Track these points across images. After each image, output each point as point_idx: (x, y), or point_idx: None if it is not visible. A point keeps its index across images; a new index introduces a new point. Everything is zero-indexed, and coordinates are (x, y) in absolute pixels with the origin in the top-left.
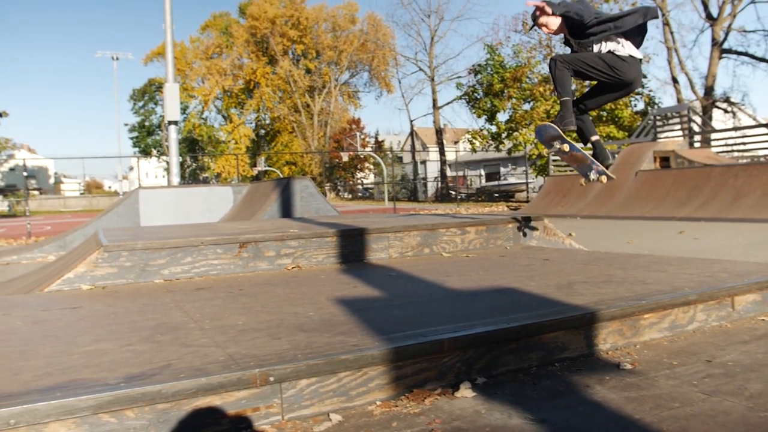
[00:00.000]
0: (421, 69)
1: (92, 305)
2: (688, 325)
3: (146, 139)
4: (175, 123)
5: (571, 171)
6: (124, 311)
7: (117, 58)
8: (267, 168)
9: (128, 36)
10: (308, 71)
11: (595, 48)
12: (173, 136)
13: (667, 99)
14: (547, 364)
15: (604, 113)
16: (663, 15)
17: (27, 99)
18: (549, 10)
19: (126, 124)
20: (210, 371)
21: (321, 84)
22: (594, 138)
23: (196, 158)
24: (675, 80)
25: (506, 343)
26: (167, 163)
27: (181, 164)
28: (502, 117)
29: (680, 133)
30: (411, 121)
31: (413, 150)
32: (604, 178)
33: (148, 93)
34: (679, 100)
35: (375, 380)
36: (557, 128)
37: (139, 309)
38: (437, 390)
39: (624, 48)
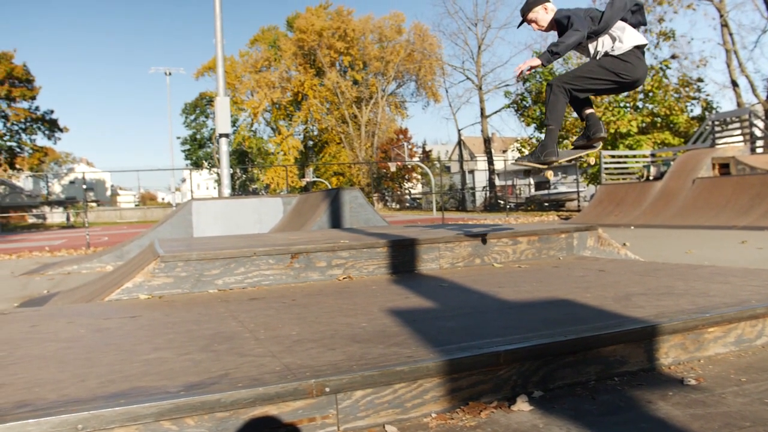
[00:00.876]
0: (468, 78)
1: (150, 314)
2: (756, 339)
3: (198, 151)
4: (226, 136)
5: (624, 179)
6: (180, 320)
7: (170, 74)
8: (315, 179)
9: (180, 52)
10: (355, 82)
11: (591, 49)
12: (224, 148)
13: (725, 103)
14: (605, 378)
15: (659, 119)
16: (721, 16)
17: (86, 115)
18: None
19: (178, 138)
20: (267, 381)
21: (368, 95)
22: (588, 111)
23: (246, 170)
24: (735, 83)
25: (563, 356)
26: (218, 174)
27: (232, 176)
28: None
29: (740, 138)
30: (459, 130)
31: (461, 159)
32: (592, 159)
33: (199, 107)
34: (739, 104)
35: (430, 392)
36: (534, 164)
37: (195, 318)
38: (493, 403)
39: (623, 42)
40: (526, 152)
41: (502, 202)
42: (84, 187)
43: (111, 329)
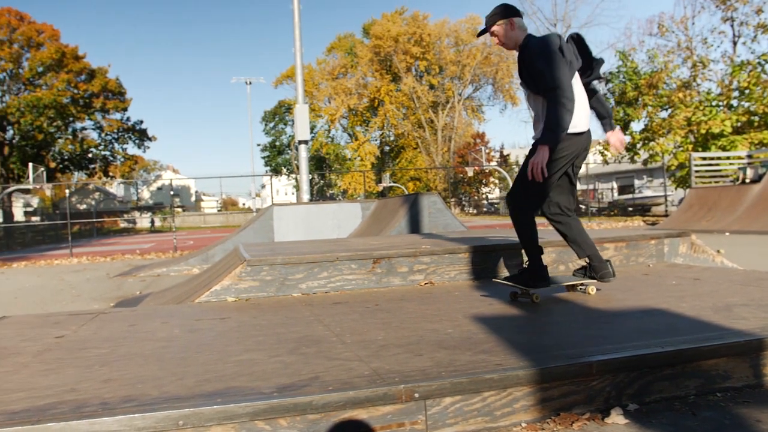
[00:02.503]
0: None
1: (239, 316)
2: None
3: (277, 158)
4: (305, 142)
5: (716, 182)
6: (268, 323)
7: (250, 83)
8: (392, 184)
9: (260, 61)
10: (431, 87)
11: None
12: (303, 155)
13: None
14: (707, 393)
15: (756, 118)
16: None
17: (172, 124)
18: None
19: (258, 144)
20: (356, 385)
21: (444, 99)
22: (590, 250)
23: (324, 175)
24: None
25: (660, 368)
26: (296, 180)
27: (310, 181)
28: (636, 126)
29: None
30: None
31: None
32: (591, 289)
33: (278, 114)
34: None
35: (520, 401)
36: (520, 287)
37: (281, 321)
38: (585, 414)
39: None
40: (609, 155)
41: (583, 206)
42: (171, 192)
43: (203, 330)
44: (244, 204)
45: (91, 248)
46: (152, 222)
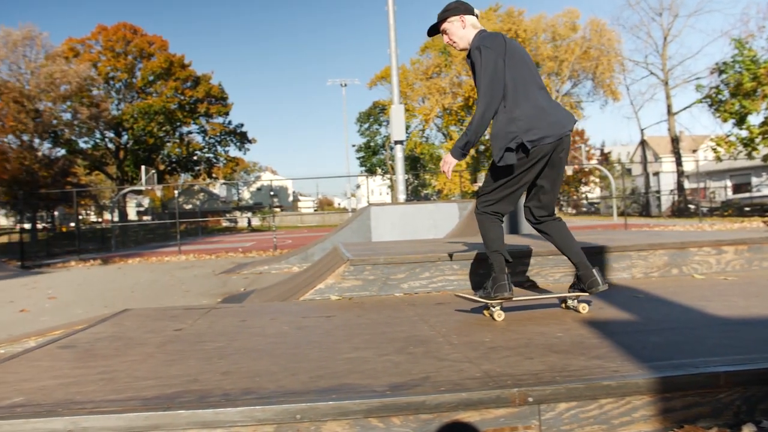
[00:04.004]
0: (652, 73)
1: (343, 315)
2: None
3: (371, 158)
4: (401, 142)
5: None
6: (372, 322)
7: (345, 85)
8: None
9: (354, 63)
10: None
11: None
12: (399, 155)
13: None
14: None
15: None
16: None
17: (271, 127)
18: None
19: (353, 145)
20: (468, 387)
21: None
22: (576, 258)
23: (418, 175)
24: None
25: None
26: (391, 180)
27: (405, 181)
28: (754, 119)
29: None
30: (641, 129)
31: (644, 161)
32: (582, 308)
33: (373, 115)
34: None
35: (640, 410)
36: (484, 300)
37: (385, 321)
38: (712, 429)
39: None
40: (723, 151)
41: (692, 206)
42: (272, 193)
43: (310, 327)
44: (339, 204)
45: (197, 246)
46: (249, 222)
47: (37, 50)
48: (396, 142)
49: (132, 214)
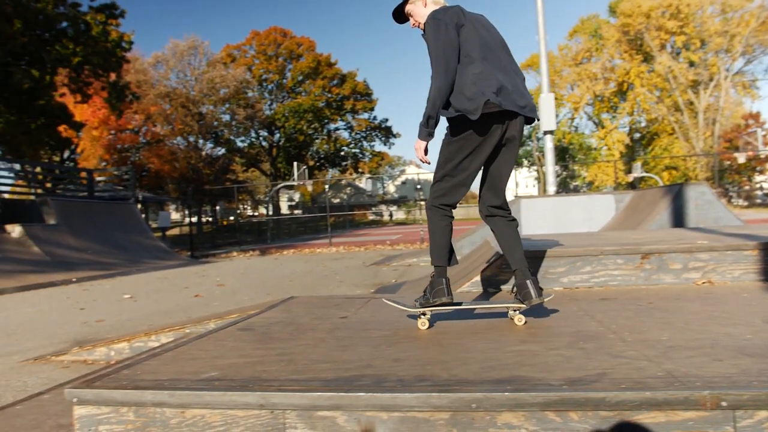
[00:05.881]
0: None
1: None
2: None
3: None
4: (551, 132)
5: None
6: (534, 315)
7: None
8: (643, 174)
9: None
10: (691, 64)
11: None
12: (549, 145)
13: None
14: None
15: None
16: None
17: (415, 121)
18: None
19: None
20: (651, 386)
21: (707, 77)
22: (516, 265)
23: (567, 166)
24: None
25: None
26: (537, 172)
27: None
28: None
29: None
30: None
31: None
32: (518, 319)
33: None
34: None
35: None
36: (414, 309)
37: (548, 314)
38: None
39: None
40: None
41: None
42: (418, 186)
43: (473, 319)
44: None
45: (346, 239)
46: (391, 215)
47: (200, 58)
48: (545, 132)
49: (284, 208)
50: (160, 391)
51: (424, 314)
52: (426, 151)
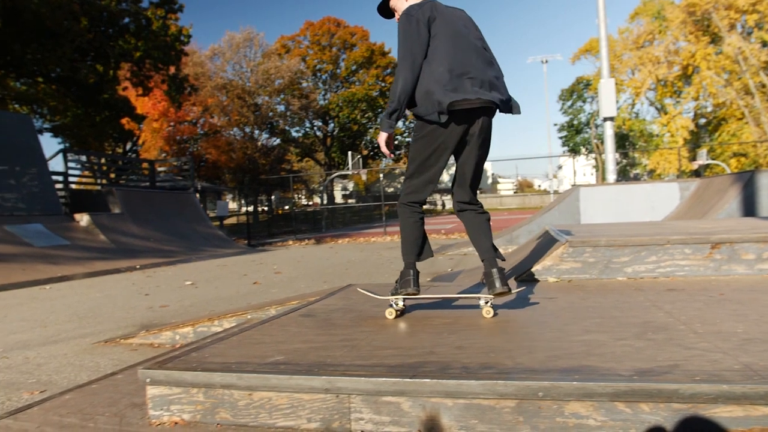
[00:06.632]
0: None
1: (566, 297)
2: None
3: (575, 137)
4: (611, 119)
5: None
6: (599, 306)
7: (546, 61)
8: (709, 161)
9: (556, 38)
10: (764, 44)
11: None
12: (609, 132)
13: None
14: None
15: None
16: None
17: None
18: None
19: (555, 124)
20: (728, 379)
21: None
22: (483, 255)
23: (627, 154)
24: None
25: None
26: (596, 160)
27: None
28: None
29: None
30: None
31: None
32: (486, 311)
33: (576, 91)
34: None
35: None
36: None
37: (613, 305)
38: None
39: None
40: None
41: None
42: None
43: (535, 308)
44: (539, 186)
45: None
46: (443, 204)
47: (255, 50)
48: (605, 119)
49: (338, 198)
50: (228, 374)
51: (394, 304)
52: (389, 144)
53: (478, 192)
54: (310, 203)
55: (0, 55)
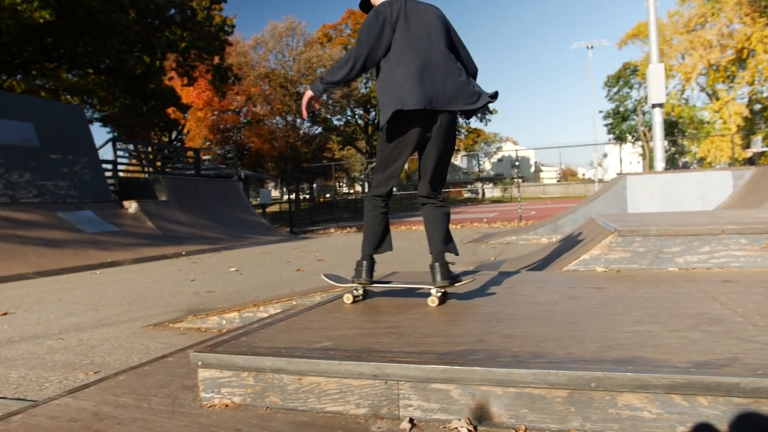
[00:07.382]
0: None
1: (615, 287)
2: None
3: (621, 124)
4: (660, 105)
5: None
6: (650, 296)
7: (591, 47)
8: (764, 149)
9: (602, 23)
10: None
11: None
12: (658, 119)
13: None
14: None
15: None
16: None
17: (512, 96)
18: None
19: (600, 111)
20: None
21: None
22: (432, 248)
23: (675, 142)
24: None
25: None
26: (643, 148)
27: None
28: None
29: None
30: None
31: None
32: (432, 300)
33: (623, 77)
34: None
35: None
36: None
37: (665, 296)
38: None
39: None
40: None
41: None
42: (517, 163)
43: (582, 298)
44: (583, 174)
45: None
46: (483, 193)
47: (297, 39)
48: (654, 105)
49: None
50: (278, 358)
51: (355, 291)
52: (309, 105)
53: (521, 180)
54: (352, 191)
55: (54, 49)
